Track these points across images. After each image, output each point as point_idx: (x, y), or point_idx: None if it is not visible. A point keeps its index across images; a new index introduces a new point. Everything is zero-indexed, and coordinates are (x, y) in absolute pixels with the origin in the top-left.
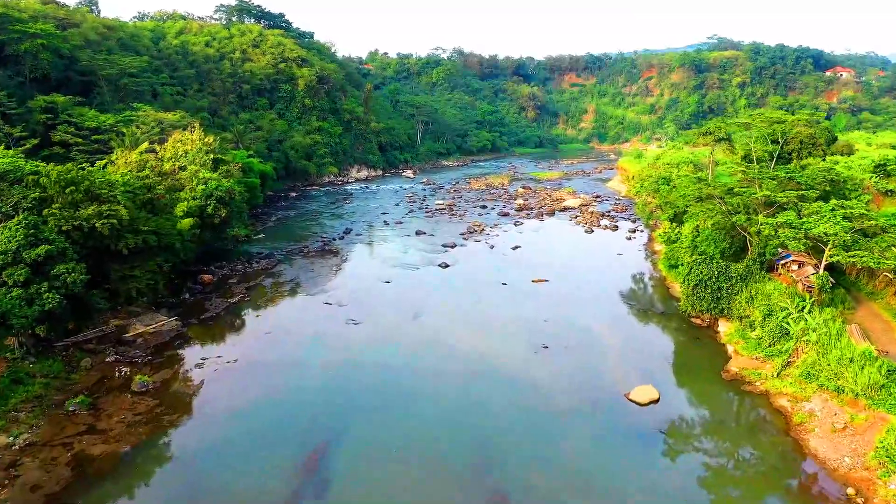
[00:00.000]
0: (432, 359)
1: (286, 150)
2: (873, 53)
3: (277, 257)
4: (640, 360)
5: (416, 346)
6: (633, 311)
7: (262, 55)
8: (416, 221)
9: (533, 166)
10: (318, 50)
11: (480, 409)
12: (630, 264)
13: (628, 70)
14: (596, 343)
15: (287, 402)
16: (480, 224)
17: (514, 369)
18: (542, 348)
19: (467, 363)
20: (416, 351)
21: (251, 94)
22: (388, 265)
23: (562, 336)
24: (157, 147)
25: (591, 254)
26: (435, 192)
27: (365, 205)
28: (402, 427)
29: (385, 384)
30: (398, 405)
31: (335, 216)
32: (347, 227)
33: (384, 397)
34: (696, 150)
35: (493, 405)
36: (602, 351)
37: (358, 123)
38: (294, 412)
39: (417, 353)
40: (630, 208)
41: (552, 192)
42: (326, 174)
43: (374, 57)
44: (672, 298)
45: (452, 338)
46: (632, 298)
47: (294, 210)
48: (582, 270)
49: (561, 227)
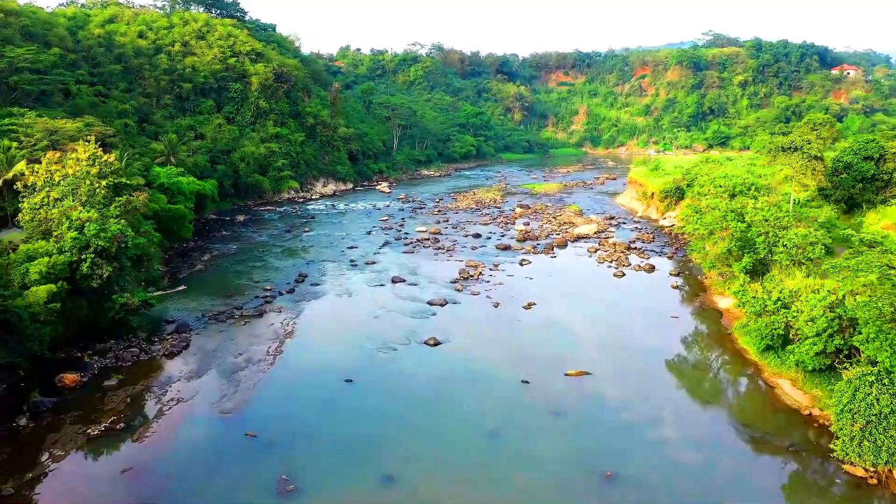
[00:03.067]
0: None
1: (235, 163)
2: (871, 51)
3: (193, 329)
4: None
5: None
6: (746, 441)
7: (209, 48)
8: (392, 258)
9: (525, 176)
10: (279, 44)
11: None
12: (694, 335)
13: (620, 68)
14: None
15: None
16: (476, 264)
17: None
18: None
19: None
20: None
21: (193, 95)
22: (351, 343)
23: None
24: (27, 171)
25: (633, 315)
26: (415, 212)
27: (329, 233)
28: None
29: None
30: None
31: (288, 252)
32: (301, 273)
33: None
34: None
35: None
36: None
37: (324, 129)
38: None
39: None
40: (658, 236)
41: (555, 212)
42: (285, 190)
43: (345, 53)
44: (789, 412)
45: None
46: (732, 414)
47: (237, 242)
48: (632, 349)
49: (579, 266)
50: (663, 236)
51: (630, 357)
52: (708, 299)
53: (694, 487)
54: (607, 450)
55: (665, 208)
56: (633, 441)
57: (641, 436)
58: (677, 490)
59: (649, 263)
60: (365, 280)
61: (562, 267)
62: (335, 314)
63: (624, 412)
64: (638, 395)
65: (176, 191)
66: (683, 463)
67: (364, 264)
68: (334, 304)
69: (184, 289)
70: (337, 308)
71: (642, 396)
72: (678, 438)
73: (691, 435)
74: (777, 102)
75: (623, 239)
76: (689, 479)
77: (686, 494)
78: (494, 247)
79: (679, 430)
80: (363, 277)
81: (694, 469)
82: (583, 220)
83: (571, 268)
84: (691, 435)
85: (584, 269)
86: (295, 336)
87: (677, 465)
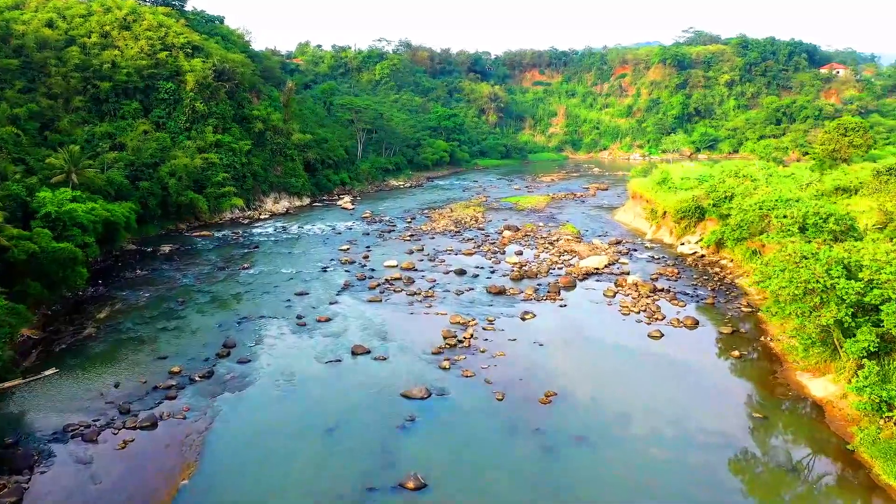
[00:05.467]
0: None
1: (163, 178)
2: (852, 49)
3: (39, 460)
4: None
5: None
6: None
7: (135, 40)
8: (353, 310)
9: (505, 185)
10: (225, 37)
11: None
12: (796, 447)
13: (598, 66)
14: None
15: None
16: (465, 321)
17: None
18: None
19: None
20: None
21: (114, 96)
22: (286, 491)
23: None
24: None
25: (697, 410)
26: (383, 236)
27: (274, 269)
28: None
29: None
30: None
31: (217, 302)
32: (228, 341)
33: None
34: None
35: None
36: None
37: (275, 135)
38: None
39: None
40: (682, 268)
41: (549, 235)
42: (227, 209)
43: (304, 49)
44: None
45: None
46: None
47: (153, 286)
48: (723, 484)
49: (599, 319)
50: (687, 268)
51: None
52: (790, 379)
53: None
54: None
55: (682, 231)
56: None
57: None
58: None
59: (689, 316)
60: (315, 352)
61: (577, 321)
62: (266, 424)
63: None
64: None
65: (69, 222)
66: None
67: (315, 322)
68: (267, 403)
69: (53, 373)
70: (270, 411)
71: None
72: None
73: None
74: (766, 103)
75: (640, 272)
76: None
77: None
78: (485, 289)
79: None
80: (313, 346)
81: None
82: (586, 248)
83: (589, 323)
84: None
85: (607, 325)
86: (198, 472)
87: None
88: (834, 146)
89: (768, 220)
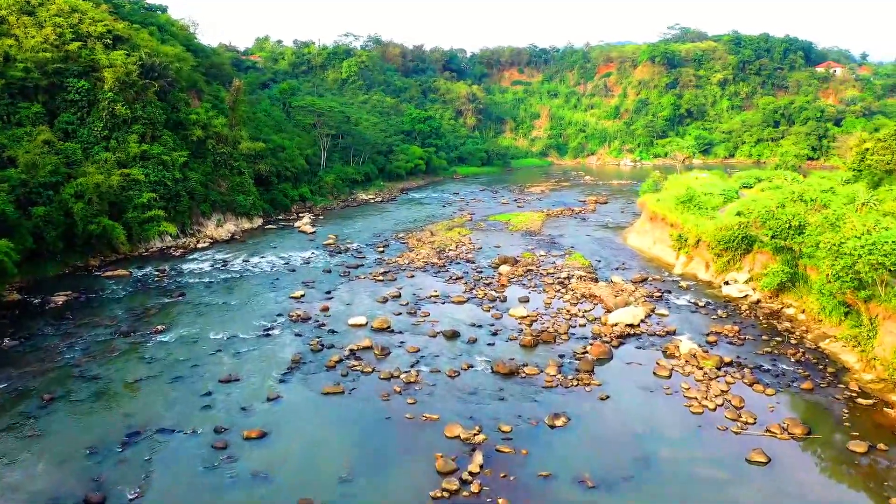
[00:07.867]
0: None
1: (67, 201)
2: (837, 47)
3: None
4: None
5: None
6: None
7: (38, 28)
8: (302, 417)
9: (490, 198)
10: (162, 28)
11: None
12: None
13: (581, 65)
14: None
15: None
16: (468, 436)
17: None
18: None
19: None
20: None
21: (6, 97)
22: None
23: None
24: None
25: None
26: (349, 273)
27: (197, 335)
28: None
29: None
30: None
31: (100, 398)
32: (95, 485)
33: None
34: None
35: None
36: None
37: (218, 144)
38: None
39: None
40: (741, 324)
41: (557, 270)
42: (154, 238)
43: (262, 45)
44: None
45: None
46: None
47: (15, 368)
48: None
49: (662, 424)
50: (744, 320)
51: None
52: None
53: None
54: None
55: (723, 266)
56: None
57: None
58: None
59: (791, 418)
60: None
61: (631, 431)
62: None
63: None
64: None
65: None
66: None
67: (241, 441)
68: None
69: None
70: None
71: None
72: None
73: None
74: (762, 104)
75: (689, 331)
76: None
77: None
78: (489, 366)
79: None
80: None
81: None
82: (607, 290)
83: (652, 435)
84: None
85: (679, 439)
86: None
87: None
88: (890, 157)
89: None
